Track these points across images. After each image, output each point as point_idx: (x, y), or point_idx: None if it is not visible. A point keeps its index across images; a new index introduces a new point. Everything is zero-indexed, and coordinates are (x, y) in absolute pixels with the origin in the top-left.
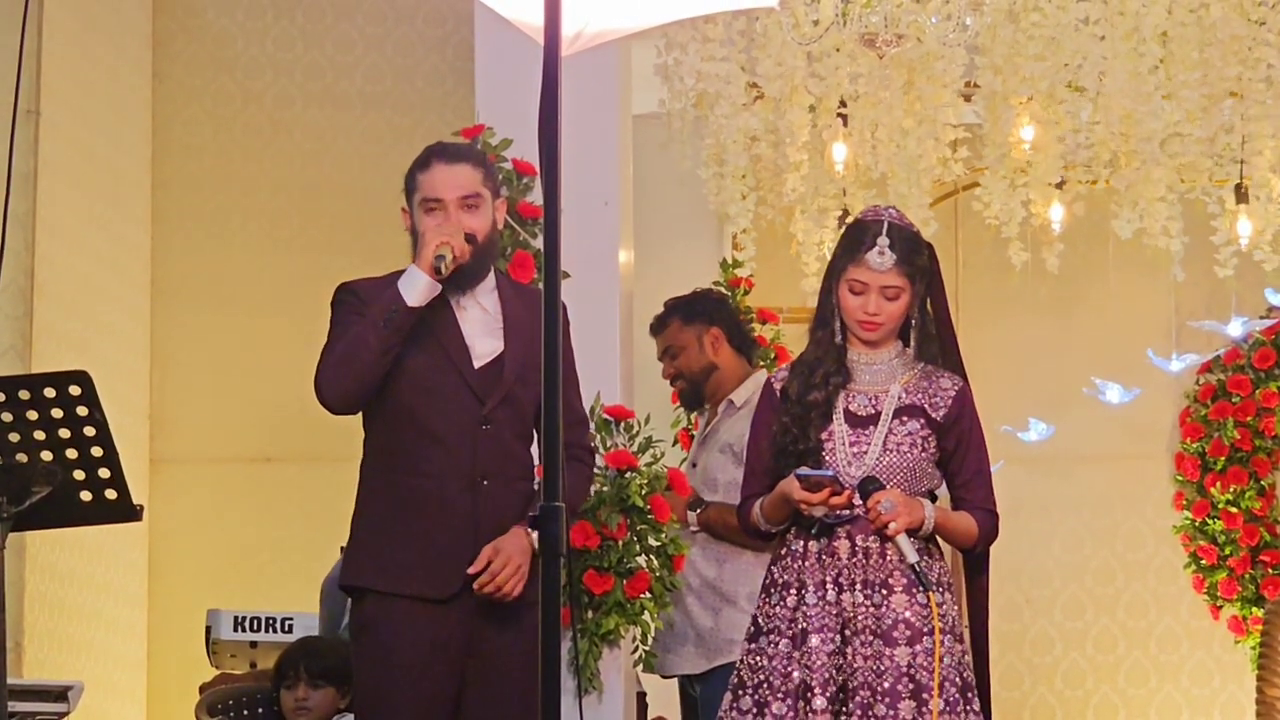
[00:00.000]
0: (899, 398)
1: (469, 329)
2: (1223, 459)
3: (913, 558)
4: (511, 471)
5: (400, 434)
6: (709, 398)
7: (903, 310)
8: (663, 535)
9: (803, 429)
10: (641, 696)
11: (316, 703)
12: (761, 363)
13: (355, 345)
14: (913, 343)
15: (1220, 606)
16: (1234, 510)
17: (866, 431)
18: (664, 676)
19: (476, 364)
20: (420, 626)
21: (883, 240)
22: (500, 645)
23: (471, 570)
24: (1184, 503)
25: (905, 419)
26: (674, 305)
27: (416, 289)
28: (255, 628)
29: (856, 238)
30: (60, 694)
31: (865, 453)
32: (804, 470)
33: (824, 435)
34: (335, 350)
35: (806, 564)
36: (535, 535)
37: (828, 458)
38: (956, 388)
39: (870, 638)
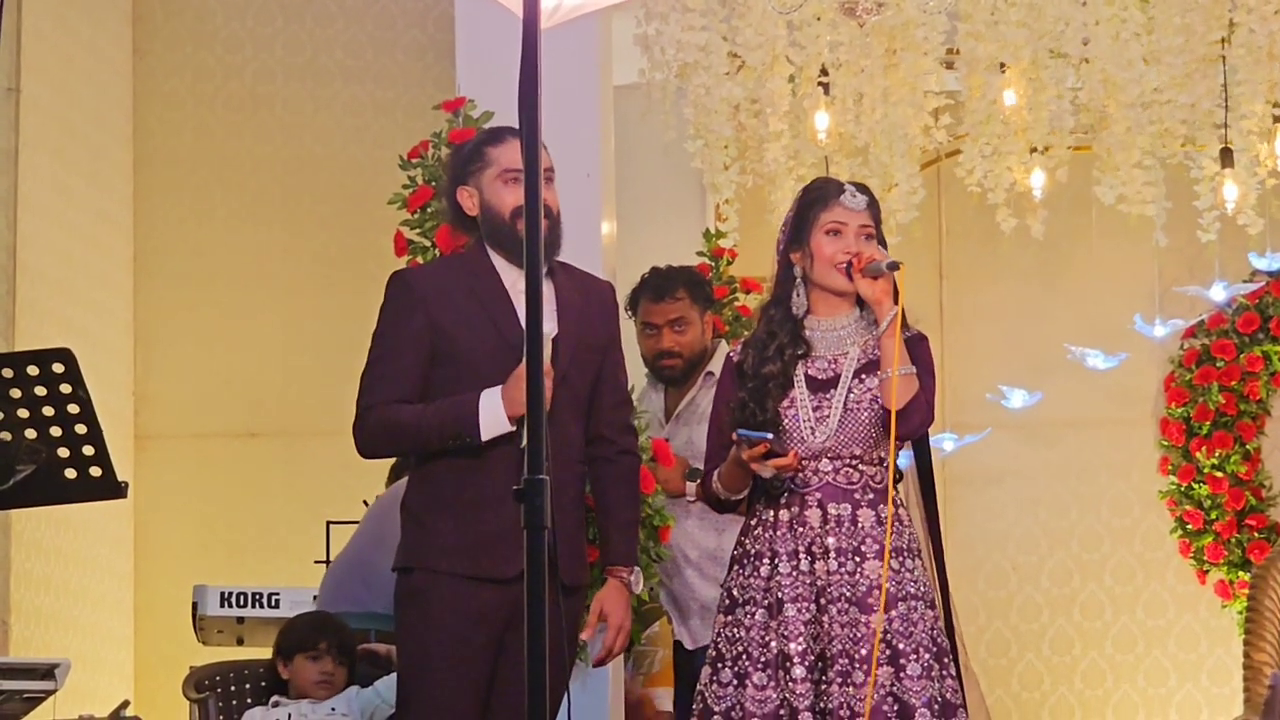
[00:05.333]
0: (857, 359)
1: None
2: (1208, 424)
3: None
4: (569, 453)
5: None
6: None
7: (875, 252)
8: (648, 506)
9: (760, 401)
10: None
11: (338, 678)
12: (745, 333)
13: (408, 432)
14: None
15: (1207, 571)
16: (1219, 475)
17: (828, 395)
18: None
19: None
20: (473, 601)
21: (850, 187)
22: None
23: (584, 637)
24: (1169, 468)
25: (864, 377)
26: (679, 277)
27: (494, 426)
28: (242, 603)
29: (821, 190)
30: (47, 671)
31: (828, 417)
32: (743, 431)
33: (785, 404)
34: (389, 421)
35: (778, 533)
36: (632, 577)
37: (787, 425)
38: (911, 336)
39: (846, 605)
